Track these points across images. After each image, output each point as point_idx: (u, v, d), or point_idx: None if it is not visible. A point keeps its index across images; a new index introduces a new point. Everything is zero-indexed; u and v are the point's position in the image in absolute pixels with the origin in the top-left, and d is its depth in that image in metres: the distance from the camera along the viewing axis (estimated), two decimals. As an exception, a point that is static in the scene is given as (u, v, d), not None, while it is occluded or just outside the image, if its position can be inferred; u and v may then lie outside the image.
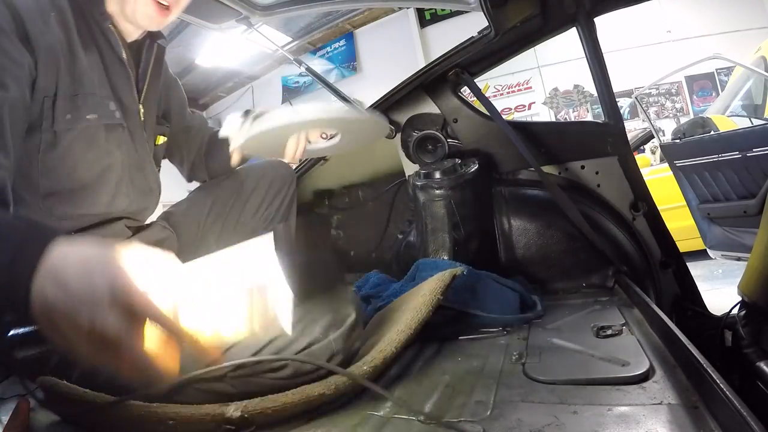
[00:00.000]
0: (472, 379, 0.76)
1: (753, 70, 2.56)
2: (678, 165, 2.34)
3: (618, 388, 0.65)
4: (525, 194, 1.44)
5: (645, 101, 5.75)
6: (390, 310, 1.01)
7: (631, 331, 0.87)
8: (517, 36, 1.37)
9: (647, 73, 4.22)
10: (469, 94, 1.56)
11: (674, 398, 0.60)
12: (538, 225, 1.40)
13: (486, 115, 1.47)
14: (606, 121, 1.35)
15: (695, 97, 5.98)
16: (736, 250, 2.15)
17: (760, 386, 0.87)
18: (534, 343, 0.90)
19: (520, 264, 1.39)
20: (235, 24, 1.58)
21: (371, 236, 1.76)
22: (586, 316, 1.03)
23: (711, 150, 2.14)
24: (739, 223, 2.11)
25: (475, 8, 1.32)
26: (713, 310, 1.22)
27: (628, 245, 1.31)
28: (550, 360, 0.80)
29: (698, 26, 5.72)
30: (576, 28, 1.33)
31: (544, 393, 0.67)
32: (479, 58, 1.44)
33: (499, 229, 1.44)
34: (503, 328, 1.01)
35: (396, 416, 0.64)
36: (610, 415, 0.58)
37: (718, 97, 4.33)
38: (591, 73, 1.33)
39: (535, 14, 1.30)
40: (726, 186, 2.13)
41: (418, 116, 1.54)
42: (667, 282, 1.30)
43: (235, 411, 0.60)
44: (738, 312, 1.07)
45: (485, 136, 1.48)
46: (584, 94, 6.33)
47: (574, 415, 0.59)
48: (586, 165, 1.38)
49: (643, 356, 0.73)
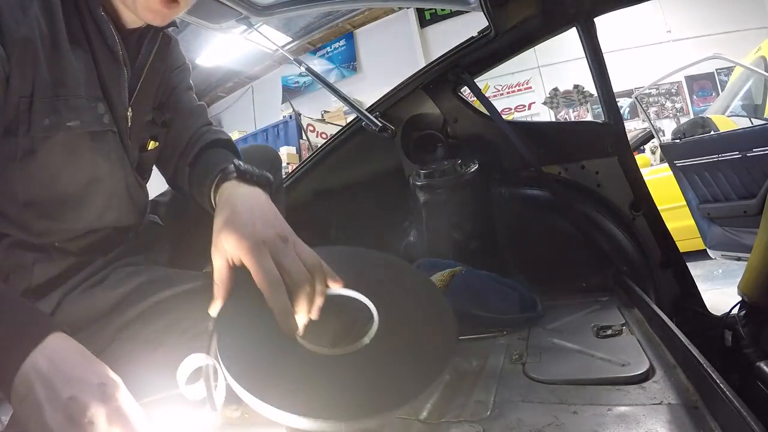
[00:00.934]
0: (472, 379, 0.76)
1: (753, 70, 2.56)
2: (678, 165, 2.34)
3: (618, 388, 0.65)
4: (525, 194, 1.44)
5: (645, 101, 5.75)
6: None
7: (631, 331, 0.87)
8: (517, 36, 1.37)
9: (647, 73, 4.21)
10: (469, 94, 1.56)
11: (674, 398, 0.60)
12: (538, 225, 1.40)
13: (486, 115, 1.47)
14: (606, 121, 1.35)
15: (695, 97, 5.98)
16: (736, 250, 2.15)
17: (760, 386, 0.87)
18: (534, 343, 0.90)
19: (520, 264, 1.39)
20: (235, 24, 1.58)
21: (371, 236, 1.76)
22: (586, 316, 1.03)
23: (711, 150, 2.14)
24: (739, 223, 2.11)
25: (475, 8, 1.32)
26: (713, 310, 1.22)
27: (628, 245, 1.31)
28: (550, 360, 0.80)
29: (698, 26, 5.73)
30: (576, 28, 1.32)
31: (544, 393, 0.67)
32: (479, 58, 1.44)
33: (499, 229, 1.44)
34: (503, 328, 1.01)
35: (396, 416, 0.64)
36: (610, 415, 0.58)
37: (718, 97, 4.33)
38: (591, 73, 1.33)
39: (535, 14, 1.30)
40: (726, 186, 2.13)
41: (418, 116, 1.54)
42: (667, 282, 1.30)
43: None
44: (738, 312, 1.07)
45: (485, 136, 1.48)
46: (584, 94, 6.33)
47: (574, 415, 0.59)
48: (586, 165, 1.38)
49: (643, 356, 0.73)
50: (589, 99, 6.27)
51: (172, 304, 0.66)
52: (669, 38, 5.89)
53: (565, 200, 1.34)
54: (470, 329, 1.01)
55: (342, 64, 7.68)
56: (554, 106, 6.55)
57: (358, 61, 7.59)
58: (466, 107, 1.50)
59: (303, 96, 7.81)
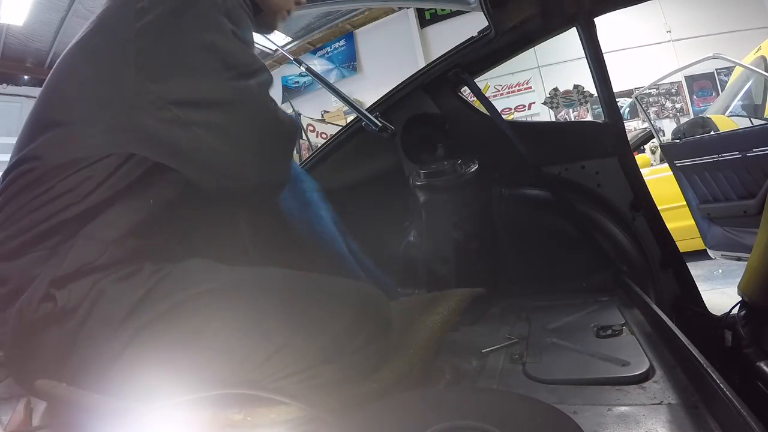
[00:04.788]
0: (472, 379, 0.76)
1: (753, 70, 2.56)
2: (678, 165, 2.34)
3: (618, 388, 0.65)
4: (525, 194, 1.44)
5: (645, 101, 5.75)
6: (403, 314, 0.96)
7: (631, 331, 0.87)
8: (517, 36, 1.37)
9: (647, 73, 4.22)
10: (469, 94, 1.56)
11: (674, 398, 0.60)
12: (538, 225, 1.40)
13: (486, 115, 1.47)
14: (606, 121, 1.35)
15: (695, 97, 5.99)
16: (736, 250, 2.15)
17: (760, 386, 0.87)
18: (534, 343, 0.90)
19: (520, 264, 1.39)
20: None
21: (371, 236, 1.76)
22: (586, 316, 1.03)
23: (711, 150, 2.14)
24: (739, 223, 2.11)
25: (475, 8, 1.32)
26: (713, 310, 1.22)
27: (628, 245, 1.31)
28: (550, 360, 0.80)
29: (698, 26, 5.73)
30: (576, 28, 1.32)
31: (544, 393, 0.67)
32: (479, 58, 1.44)
33: (499, 229, 1.44)
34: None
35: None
36: (610, 415, 0.58)
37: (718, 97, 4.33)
38: (591, 73, 1.33)
39: (535, 14, 1.30)
40: (726, 186, 2.13)
41: (418, 116, 1.54)
42: (667, 282, 1.30)
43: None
44: (738, 312, 1.07)
45: (485, 136, 1.48)
46: (584, 94, 6.33)
47: (574, 415, 0.59)
48: (586, 165, 1.38)
49: (643, 356, 0.73)
50: (589, 99, 6.27)
51: (197, 304, 0.62)
52: (669, 38, 5.89)
53: (565, 200, 1.34)
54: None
55: (342, 64, 7.68)
56: (554, 106, 6.55)
57: (358, 61, 7.59)
58: (466, 107, 1.50)
59: (303, 96, 7.81)
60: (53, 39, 5.97)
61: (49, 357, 0.60)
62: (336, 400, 0.59)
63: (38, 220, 0.61)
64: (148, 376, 0.58)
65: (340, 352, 0.63)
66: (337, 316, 0.64)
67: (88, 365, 0.59)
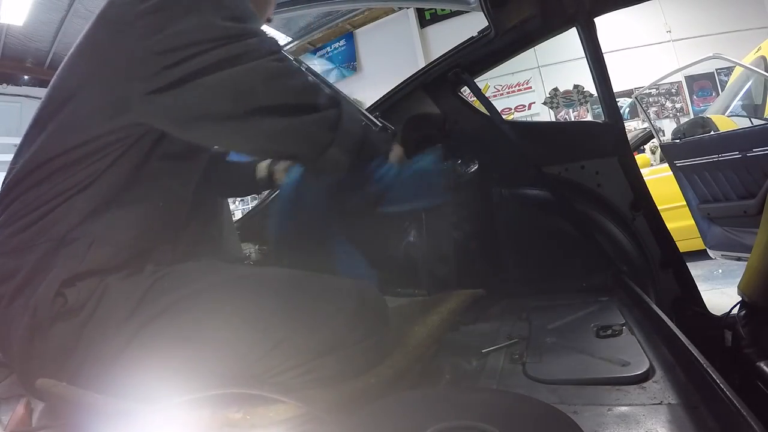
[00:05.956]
0: (472, 379, 0.76)
1: (753, 70, 2.56)
2: (678, 165, 2.34)
3: (618, 388, 0.65)
4: (525, 194, 1.44)
5: (645, 101, 5.75)
6: (403, 314, 0.94)
7: (631, 331, 0.87)
8: (517, 36, 1.37)
9: (647, 73, 4.21)
10: (469, 94, 1.56)
11: (674, 398, 0.60)
12: (537, 225, 1.40)
13: (486, 115, 1.47)
14: (606, 121, 1.35)
15: (695, 97, 5.98)
16: (736, 250, 2.15)
17: (760, 386, 0.87)
18: (534, 343, 0.90)
19: (520, 264, 1.39)
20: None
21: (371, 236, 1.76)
22: (586, 316, 1.03)
23: (711, 150, 2.14)
24: (739, 223, 2.11)
25: (475, 8, 1.32)
26: (713, 310, 1.22)
27: (628, 245, 1.31)
28: (550, 360, 0.80)
29: (698, 26, 5.72)
30: (576, 28, 1.32)
31: (544, 393, 0.67)
32: (479, 58, 1.44)
33: (499, 229, 1.44)
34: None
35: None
36: (610, 415, 0.58)
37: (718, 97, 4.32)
38: (591, 73, 1.33)
39: (535, 14, 1.30)
40: (726, 186, 2.12)
41: (418, 116, 1.54)
42: (667, 282, 1.30)
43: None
44: (738, 312, 1.07)
45: (485, 136, 1.48)
46: (584, 94, 6.33)
47: (574, 415, 0.59)
48: (586, 165, 1.38)
49: (643, 356, 0.73)
50: (589, 99, 6.26)
51: (198, 300, 0.62)
52: (669, 38, 5.88)
53: (565, 200, 1.33)
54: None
55: (342, 64, 7.68)
56: (554, 106, 6.55)
57: (358, 61, 7.58)
58: (466, 107, 1.50)
59: (303, 96, 7.79)
60: (53, 39, 5.96)
61: (52, 355, 0.60)
62: (334, 395, 0.59)
63: (44, 213, 0.62)
64: (151, 371, 0.59)
65: (339, 345, 0.63)
66: (335, 311, 0.65)
67: (91, 363, 0.60)
